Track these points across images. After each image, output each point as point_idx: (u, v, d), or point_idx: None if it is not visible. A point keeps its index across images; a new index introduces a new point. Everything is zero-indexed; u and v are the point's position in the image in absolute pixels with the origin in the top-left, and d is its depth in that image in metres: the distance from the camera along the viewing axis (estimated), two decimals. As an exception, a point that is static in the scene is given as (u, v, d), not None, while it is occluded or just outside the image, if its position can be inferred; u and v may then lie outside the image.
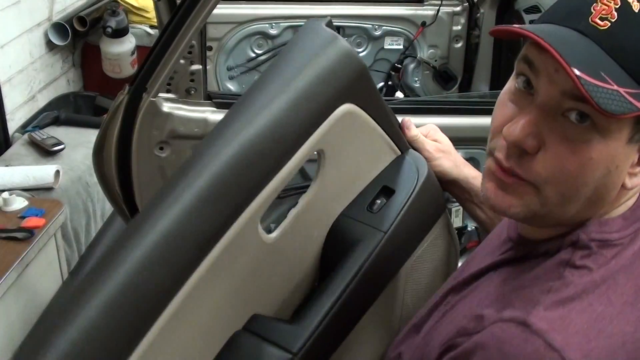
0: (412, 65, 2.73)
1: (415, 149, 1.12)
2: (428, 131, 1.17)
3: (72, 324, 0.71)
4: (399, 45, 2.69)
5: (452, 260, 1.17)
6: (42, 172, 2.14)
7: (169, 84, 1.36)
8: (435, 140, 1.16)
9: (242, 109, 0.88)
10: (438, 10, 2.61)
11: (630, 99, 0.70)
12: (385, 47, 2.68)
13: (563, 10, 0.76)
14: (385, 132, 1.02)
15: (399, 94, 2.69)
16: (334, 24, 1.04)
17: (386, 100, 1.11)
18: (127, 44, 3.03)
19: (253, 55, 2.52)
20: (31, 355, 0.74)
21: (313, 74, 0.90)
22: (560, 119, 0.73)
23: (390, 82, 2.74)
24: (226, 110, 1.43)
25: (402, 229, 0.99)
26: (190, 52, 1.35)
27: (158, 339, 0.75)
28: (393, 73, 2.70)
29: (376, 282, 0.97)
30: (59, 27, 2.86)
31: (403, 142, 1.08)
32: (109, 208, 2.30)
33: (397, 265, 1.02)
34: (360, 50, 2.64)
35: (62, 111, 2.70)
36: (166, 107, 1.36)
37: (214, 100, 1.43)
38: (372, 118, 0.98)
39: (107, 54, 3.01)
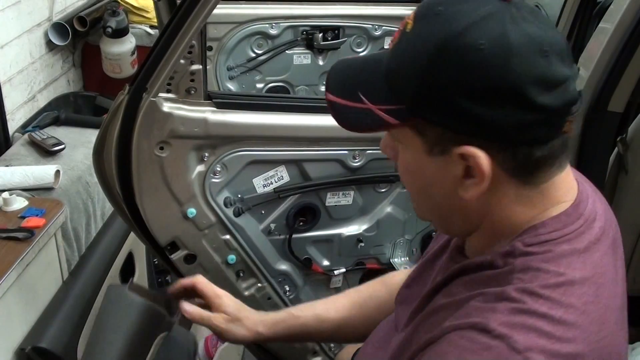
0: (412, 65, 2.73)
1: (206, 325, 1.19)
2: (210, 299, 1.21)
3: None
4: (399, 45, 2.69)
5: None
6: (42, 172, 2.14)
7: (169, 84, 1.36)
8: (220, 306, 1.20)
9: None
10: (438, 10, 2.60)
11: (381, 115, 0.77)
12: (385, 47, 2.67)
13: None
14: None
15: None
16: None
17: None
18: (127, 44, 3.03)
19: (253, 55, 2.52)
20: None
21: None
22: None
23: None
24: (226, 110, 1.44)
25: None
26: (190, 52, 1.35)
27: None
28: (393, 73, 2.70)
29: None
30: (59, 27, 2.86)
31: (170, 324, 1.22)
32: (109, 208, 2.30)
33: None
34: (360, 50, 2.63)
35: (62, 111, 2.69)
36: (166, 107, 1.36)
37: (214, 100, 1.43)
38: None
39: (107, 54, 3.01)
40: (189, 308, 1.19)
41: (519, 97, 0.72)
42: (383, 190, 1.66)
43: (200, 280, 1.23)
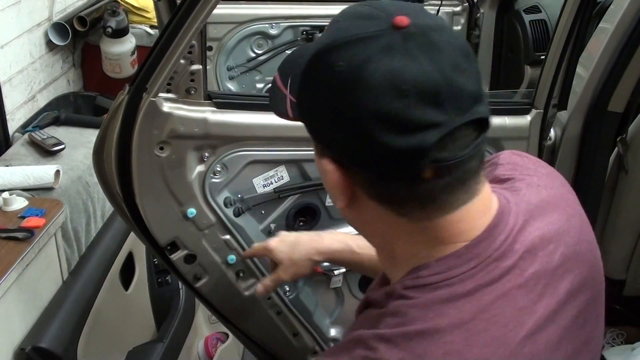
0: (412, 65, 2.72)
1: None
2: (265, 254, 1.38)
3: None
4: (399, 45, 2.69)
5: None
6: (42, 172, 2.14)
7: (169, 84, 1.36)
8: (274, 259, 1.34)
9: None
10: (438, 11, 2.61)
11: (287, 104, 0.79)
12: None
13: None
14: None
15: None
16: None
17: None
18: (127, 44, 3.03)
19: (253, 55, 2.52)
20: None
21: None
22: None
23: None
24: (226, 110, 1.44)
25: None
26: (190, 52, 1.35)
27: None
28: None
29: None
30: (59, 27, 2.86)
31: None
32: (109, 208, 2.30)
33: None
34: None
35: (62, 111, 2.70)
36: (166, 107, 1.36)
37: (214, 100, 1.43)
38: None
39: (108, 54, 3.01)
40: (259, 289, 1.38)
41: (360, 129, 0.68)
42: (383, 190, 1.66)
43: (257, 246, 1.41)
